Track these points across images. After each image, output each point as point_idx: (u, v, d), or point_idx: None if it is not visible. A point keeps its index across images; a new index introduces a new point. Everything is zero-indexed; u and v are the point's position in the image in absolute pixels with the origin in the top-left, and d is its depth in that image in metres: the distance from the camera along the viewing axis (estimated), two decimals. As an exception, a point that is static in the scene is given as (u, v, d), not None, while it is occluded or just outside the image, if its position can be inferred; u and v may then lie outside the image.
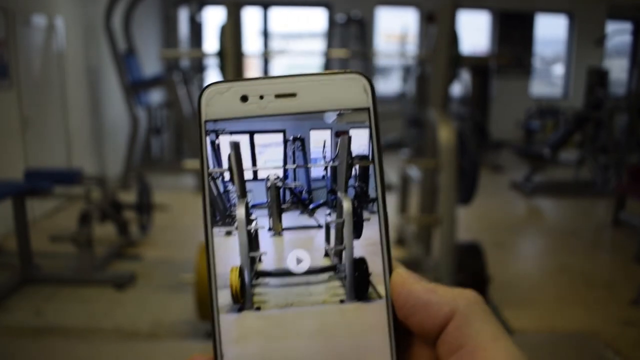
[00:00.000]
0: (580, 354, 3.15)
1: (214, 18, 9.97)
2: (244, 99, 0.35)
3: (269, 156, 0.38)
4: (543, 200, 6.97)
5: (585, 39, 11.14)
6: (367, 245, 0.36)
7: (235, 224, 0.37)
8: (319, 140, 0.38)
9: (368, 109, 0.36)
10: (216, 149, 0.36)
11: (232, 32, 3.23)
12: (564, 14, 11.50)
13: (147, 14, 8.43)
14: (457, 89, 9.50)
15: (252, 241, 0.38)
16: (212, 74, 9.21)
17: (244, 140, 0.36)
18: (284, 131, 0.38)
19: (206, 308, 3.07)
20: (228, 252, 0.36)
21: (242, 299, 0.35)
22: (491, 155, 9.11)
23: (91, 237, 3.96)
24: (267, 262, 0.37)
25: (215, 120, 0.35)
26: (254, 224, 0.38)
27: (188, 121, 7.10)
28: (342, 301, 0.35)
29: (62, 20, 6.09)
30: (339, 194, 0.39)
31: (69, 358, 3.04)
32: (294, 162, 0.40)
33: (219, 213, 0.36)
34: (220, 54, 3.46)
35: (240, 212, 0.37)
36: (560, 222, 6.24)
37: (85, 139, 6.79)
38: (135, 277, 4.05)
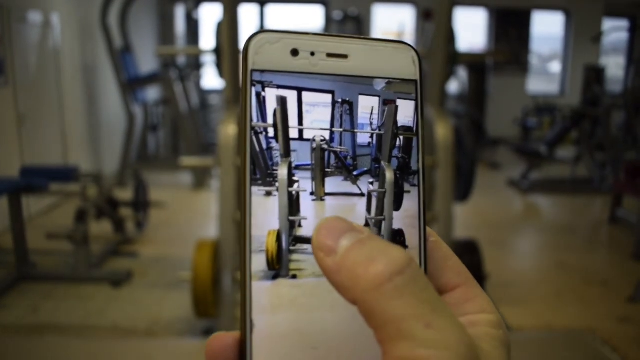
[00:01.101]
0: (578, 351, 3.15)
1: (210, 15, 9.95)
2: (295, 52, 0.33)
3: (316, 116, 0.36)
4: (540, 198, 6.98)
5: (582, 36, 11.16)
6: (405, 217, 0.35)
7: (276, 185, 0.34)
8: (367, 107, 0.37)
9: (415, 81, 0.35)
10: (261, 102, 0.34)
11: (228, 29, 3.22)
12: (560, 11, 11.50)
13: (143, 11, 8.40)
14: (454, 86, 9.50)
15: (293, 204, 0.36)
16: (209, 71, 9.19)
17: (291, 96, 0.34)
18: (333, 92, 0.36)
19: (203, 306, 3.06)
20: (266, 214, 0.33)
21: (278, 265, 0.33)
22: (488, 153, 9.12)
23: (87, 235, 3.95)
24: (307, 228, 0.35)
25: (262, 71, 0.33)
26: (296, 185, 0.36)
27: (184, 118, 7.08)
28: None
29: (57, 16, 6.06)
30: (383, 164, 0.37)
31: (65, 356, 3.03)
32: (341, 125, 0.37)
33: (260, 171, 0.34)
34: (217, 51, 3.44)
35: (282, 172, 0.35)
36: (557, 219, 6.25)
37: (81, 136, 6.77)
38: (132, 275, 4.04)
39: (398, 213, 0.36)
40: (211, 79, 9.44)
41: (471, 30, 11.11)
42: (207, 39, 9.85)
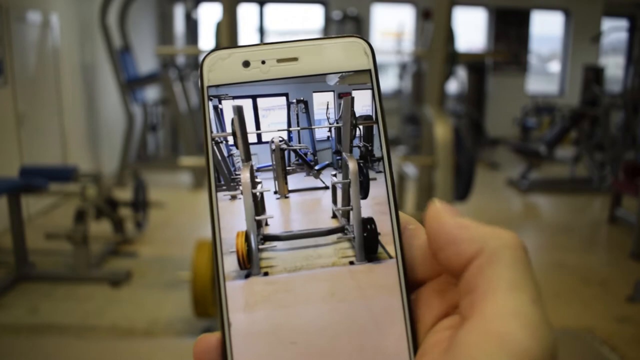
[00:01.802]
0: (577, 350, 3.16)
1: (209, 15, 9.95)
2: (246, 64, 0.35)
3: (272, 119, 0.38)
4: (539, 197, 6.99)
5: (581, 36, 11.16)
6: (374, 204, 0.36)
7: (240, 188, 0.36)
8: (322, 103, 0.38)
9: (369, 70, 0.36)
10: (219, 114, 0.36)
11: (227, 29, 3.22)
12: (560, 11, 11.51)
13: (142, 11, 8.40)
14: (453, 86, 9.50)
15: (258, 205, 0.37)
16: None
17: (247, 104, 0.36)
18: (286, 94, 0.38)
19: (202, 306, 3.06)
20: (234, 217, 0.35)
21: (249, 264, 0.34)
22: (487, 152, 9.12)
23: (87, 235, 3.95)
24: (274, 226, 0.37)
25: (217, 86, 0.35)
26: (259, 187, 0.38)
27: (184, 118, 7.08)
28: (351, 262, 0.34)
29: (57, 16, 6.06)
30: (344, 155, 0.38)
31: (64, 356, 3.03)
32: (298, 124, 0.39)
33: (223, 177, 0.36)
34: (216, 51, 3.44)
35: (244, 175, 0.37)
36: (556, 219, 6.25)
37: (80, 136, 6.77)
38: (131, 275, 4.04)
39: (366, 201, 0.37)
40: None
41: (470, 30, 11.11)
42: (207, 39, 9.85)
